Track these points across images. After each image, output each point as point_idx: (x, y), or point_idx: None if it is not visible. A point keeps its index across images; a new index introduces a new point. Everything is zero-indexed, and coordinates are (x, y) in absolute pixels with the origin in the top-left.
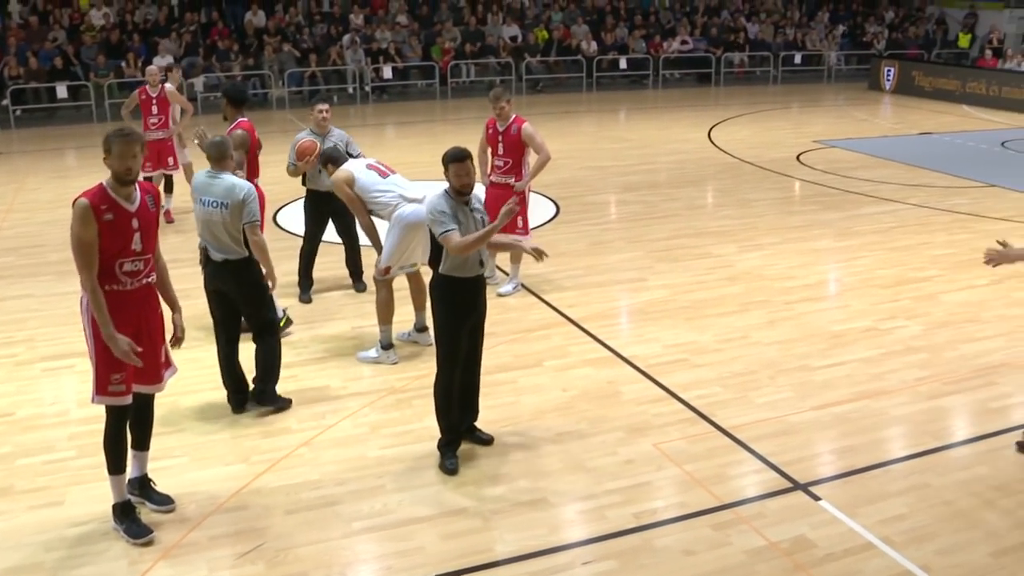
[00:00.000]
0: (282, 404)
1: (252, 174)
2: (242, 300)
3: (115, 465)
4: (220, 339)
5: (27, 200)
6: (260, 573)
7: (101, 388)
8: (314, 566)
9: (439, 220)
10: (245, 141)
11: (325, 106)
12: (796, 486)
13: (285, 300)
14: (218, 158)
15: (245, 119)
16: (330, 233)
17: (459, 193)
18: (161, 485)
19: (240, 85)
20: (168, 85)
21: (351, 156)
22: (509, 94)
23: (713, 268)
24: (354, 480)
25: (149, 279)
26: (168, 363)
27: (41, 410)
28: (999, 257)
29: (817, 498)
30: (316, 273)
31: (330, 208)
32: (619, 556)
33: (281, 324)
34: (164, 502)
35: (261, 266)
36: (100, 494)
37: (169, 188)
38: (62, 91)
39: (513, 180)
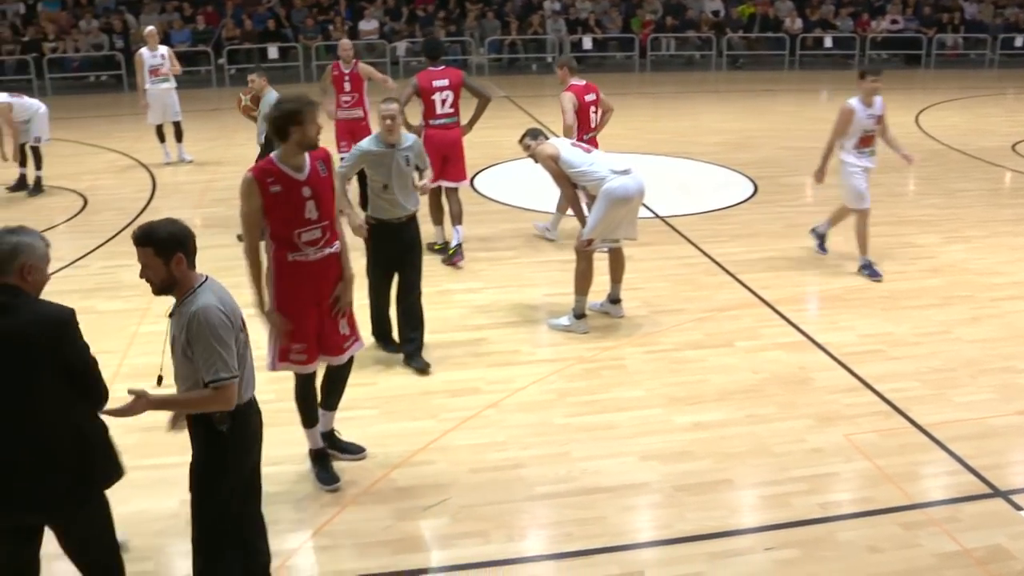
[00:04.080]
0: None
1: None
2: None
3: (307, 420)
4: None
5: (236, 155)
6: (443, 527)
7: (282, 356)
8: (496, 526)
9: None
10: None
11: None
12: (995, 492)
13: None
14: None
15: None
16: (534, 200)
17: None
18: (351, 435)
19: (434, 40)
20: (362, 64)
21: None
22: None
23: (914, 258)
24: (539, 445)
25: (331, 248)
26: (355, 337)
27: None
28: None
29: (1018, 507)
30: (514, 240)
31: None
32: (801, 545)
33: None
34: (355, 450)
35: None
36: (294, 438)
37: None
38: (273, 52)
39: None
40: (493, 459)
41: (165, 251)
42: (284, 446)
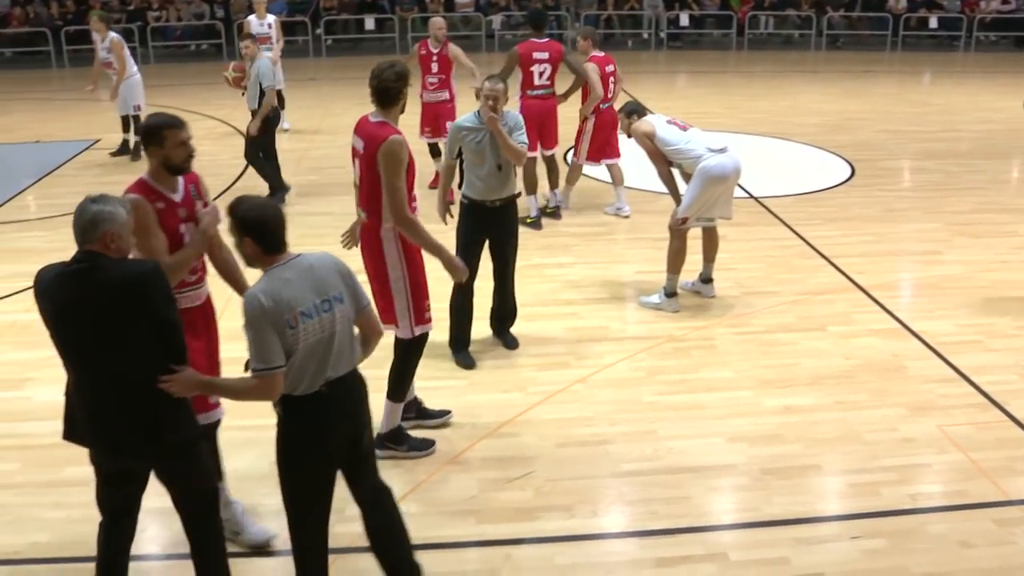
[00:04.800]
0: None
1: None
2: None
3: (405, 393)
4: None
5: (332, 125)
6: (527, 499)
7: (419, 319)
8: (580, 500)
9: None
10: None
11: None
12: None
13: None
14: None
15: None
16: (629, 177)
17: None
18: (439, 405)
19: (540, 11)
20: (452, 45)
21: None
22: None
23: (1018, 248)
24: (626, 422)
25: None
26: None
27: None
28: None
29: None
30: (607, 216)
31: None
32: (890, 536)
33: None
34: (441, 415)
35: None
36: (378, 406)
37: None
38: (370, 23)
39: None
40: (580, 434)
41: (236, 229)
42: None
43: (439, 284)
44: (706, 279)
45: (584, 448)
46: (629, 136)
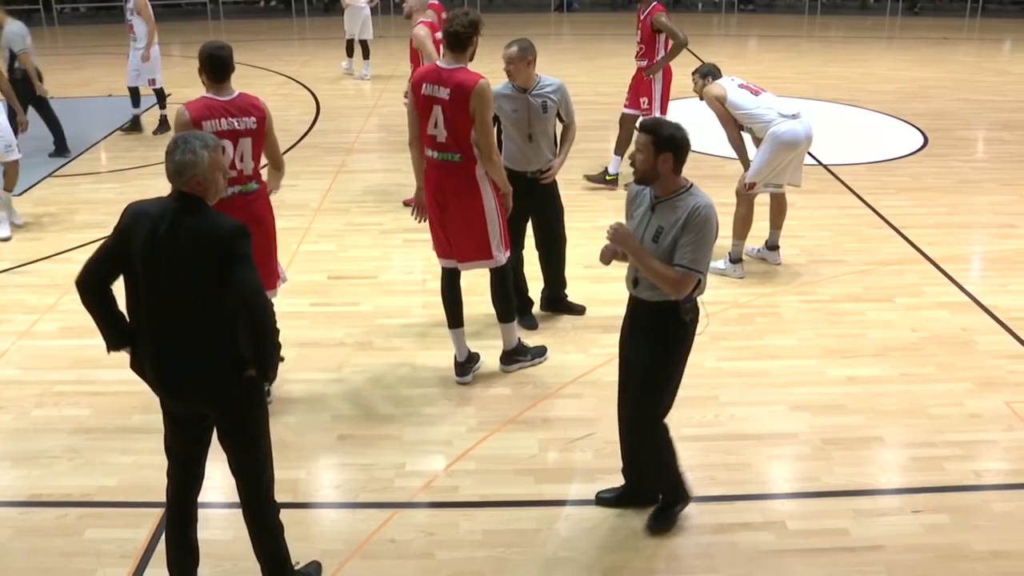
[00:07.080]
0: None
1: None
2: None
3: (513, 312)
4: None
5: (401, 81)
6: (587, 461)
7: (507, 244)
8: None
9: None
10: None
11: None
12: None
13: None
14: None
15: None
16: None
17: None
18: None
19: None
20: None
21: None
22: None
23: None
24: (688, 387)
25: None
26: None
27: (400, 277)
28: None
29: None
30: None
31: None
32: (953, 512)
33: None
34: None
35: None
36: (446, 364)
37: None
38: None
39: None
40: None
41: (658, 146)
42: (435, 370)
43: None
44: (772, 246)
45: None
46: (701, 98)
